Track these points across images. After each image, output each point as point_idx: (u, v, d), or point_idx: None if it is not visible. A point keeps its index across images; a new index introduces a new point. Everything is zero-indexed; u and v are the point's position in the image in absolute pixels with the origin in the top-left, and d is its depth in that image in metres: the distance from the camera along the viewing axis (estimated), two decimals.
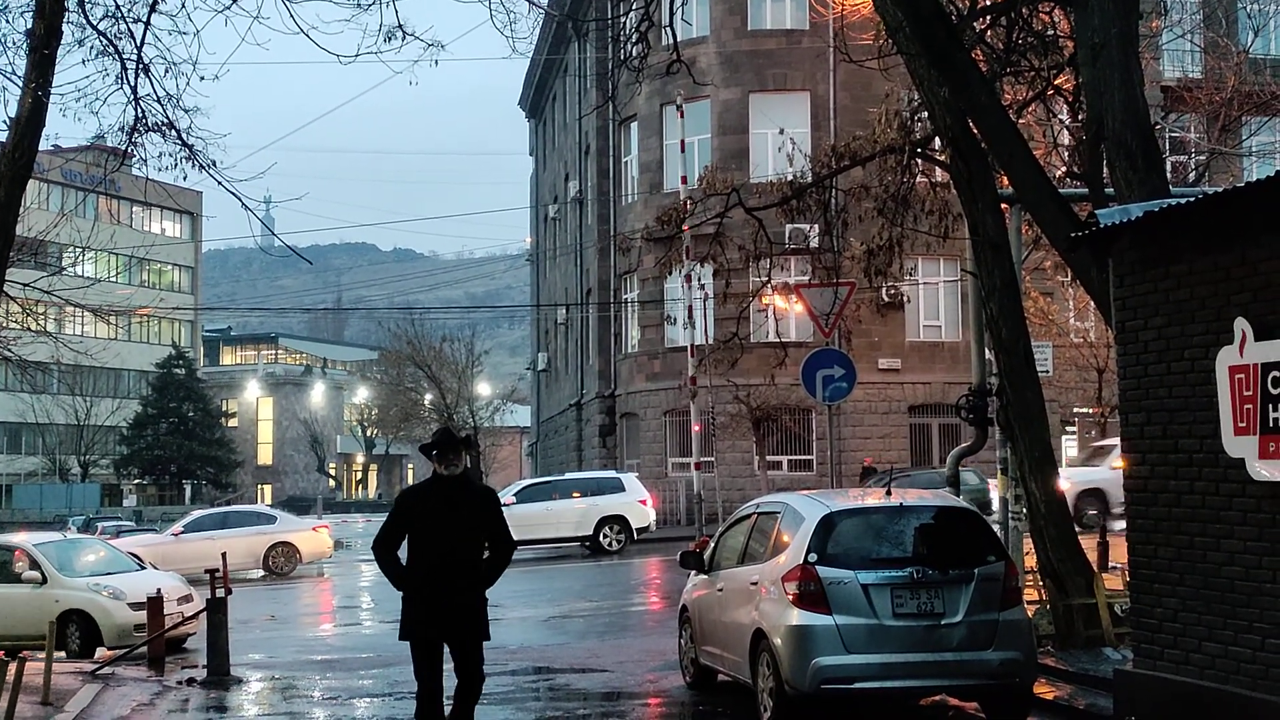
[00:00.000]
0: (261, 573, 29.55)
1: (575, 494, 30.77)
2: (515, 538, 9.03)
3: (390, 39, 13.12)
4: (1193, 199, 8.26)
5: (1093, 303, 14.15)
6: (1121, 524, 12.38)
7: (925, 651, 9.38)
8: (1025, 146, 12.56)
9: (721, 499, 31.98)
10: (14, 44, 13.71)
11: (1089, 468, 27.28)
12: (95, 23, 13.23)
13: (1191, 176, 26.67)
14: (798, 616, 9.46)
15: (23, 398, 64.74)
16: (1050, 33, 15.86)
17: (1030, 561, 13.78)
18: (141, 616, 16.21)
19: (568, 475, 35.66)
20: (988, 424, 15.11)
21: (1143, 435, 8.93)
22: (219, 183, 13.15)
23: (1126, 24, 11.21)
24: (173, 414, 73.25)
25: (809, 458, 36.53)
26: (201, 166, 13.49)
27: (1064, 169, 18.08)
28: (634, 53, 16.17)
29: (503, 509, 9.05)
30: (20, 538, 19.41)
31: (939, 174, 18.04)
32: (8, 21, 18.30)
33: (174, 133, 13.43)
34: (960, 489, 15.71)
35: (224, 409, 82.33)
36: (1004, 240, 13.27)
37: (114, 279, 59.48)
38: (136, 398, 75.94)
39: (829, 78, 36.60)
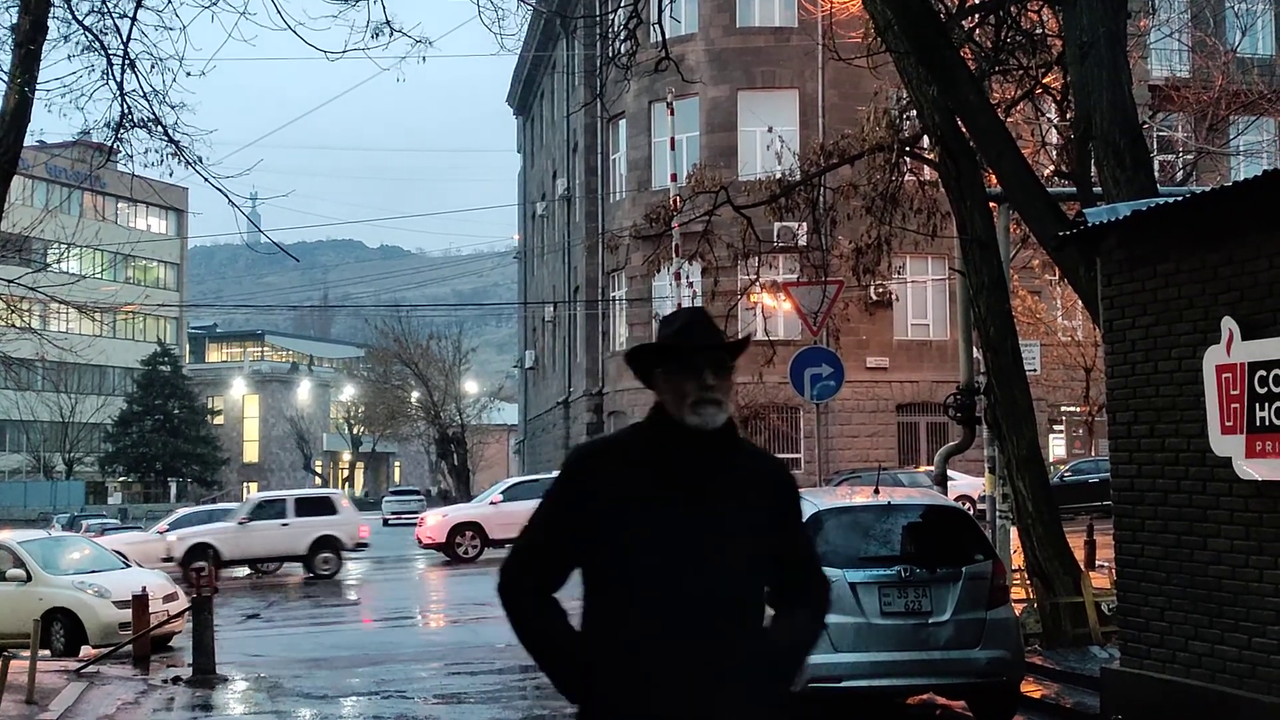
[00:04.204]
0: (247, 571, 29.46)
1: None
2: (502, 537, 8.01)
3: (377, 35, 13.10)
4: (1180, 198, 8.27)
5: (1080, 301, 14.18)
6: None
7: (913, 650, 9.39)
8: (1013, 145, 12.56)
9: None
10: None
11: None
12: (81, 18, 13.18)
13: (1179, 176, 26.74)
14: None
15: (7, 394, 64.53)
16: (1039, 32, 15.88)
17: (1018, 560, 13.80)
18: (127, 615, 16.15)
19: (555, 473, 35.55)
20: (975, 423, 15.13)
21: (1130, 434, 8.93)
22: (205, 179, 13.12)
23: (1115, 23, 11.21)
24: (158, 411, 73.01)
25: (797, 456, 36.54)
26: (188, 163, 13.44)
27: (1052, 168, 18.11)
28: (622, 50, 16.14)
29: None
30: (4, 536, 19.32)
31: (927, 172, 18.04)
32: None
33: (160, 129, 13.38)
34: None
35: (210, 406, 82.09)
36: (992, 239, 13.28)
37: (99, 275, 59.34)
38: (122, 395, 75.69)
39: (818, 76, 36.61)
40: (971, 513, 13.18)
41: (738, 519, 3.26)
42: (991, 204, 13.77)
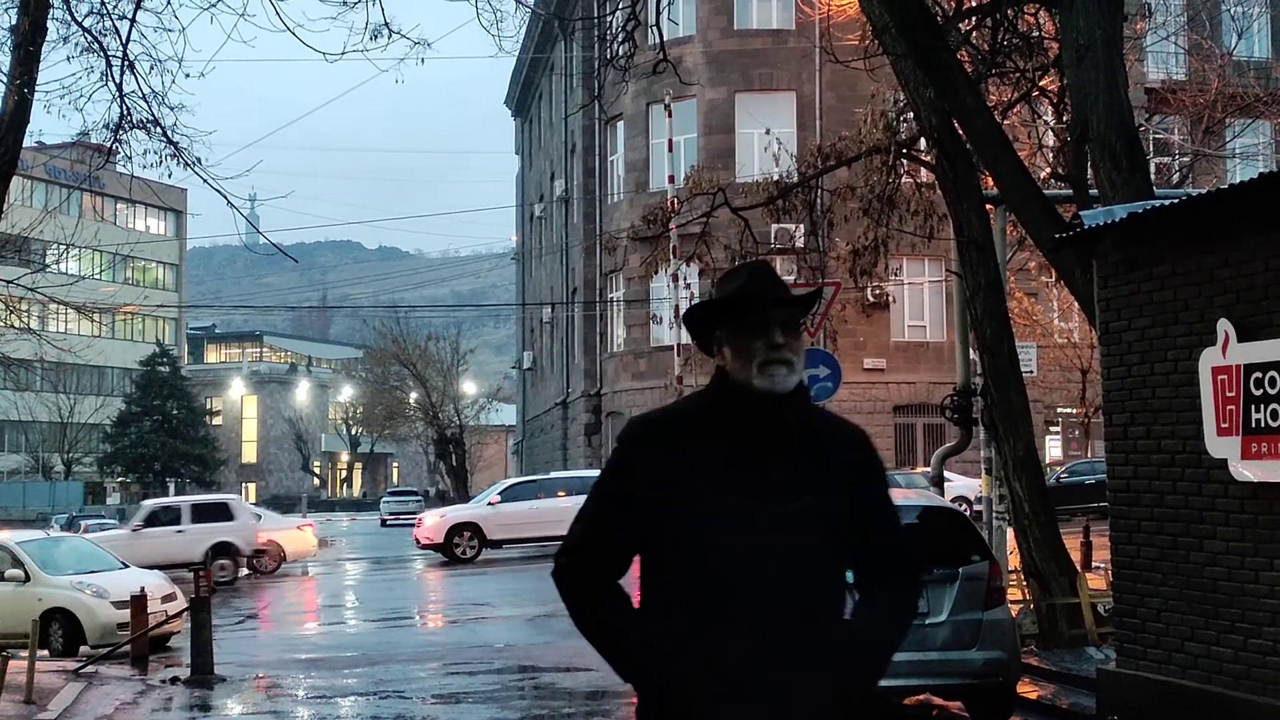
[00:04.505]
0: (246, 571, 29.47)
1: (561, 493, 30.72)
2: (499, 537, 7.80)
3: (376, 37, 13.12)
4: (1176, 201, 8.30)
5: (1077, 303, 14.22)
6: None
7: (909, 650, 9.37)
8: (1010, 147, 12.59)
9: None
10: None
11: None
12: (80, 19, 13.20)
13: (1175, 178, 26.77)
14: None
15: (6, 395, 64.49)
16: (1035, 34, 15.91)
17: (1014, 561, 13.83)
18: (125, 615, 16.16)
19: (553, 474, 35.63)
20: (972, 424, 15.16)
21: (1126, 436, 8.96)
22: (204, 180, 13.13)
23: (1111, 26, 11.25)
24: (157, 412, 72.96)
25: None
26: (186, 164, 13.46)
27: (1048, 170, 18.14)
28: (620, 52, 16.17)
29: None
30: (3, 536, 19.33)
31: (924, 174, 18.08)
32: None
33: (159, 130, 13.39)
34: None
35: (208, 407, 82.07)
36: (989, 241, 13.31)
37: (98, 276, 59.32)
38: (120, 395, 75.65)
39: (815, 78, 36.65)
40: (968, 514, 13.22)
41: (814, 494, 2.93)
42: (988, 206, 13.80)
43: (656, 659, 2.94)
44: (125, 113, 13.26)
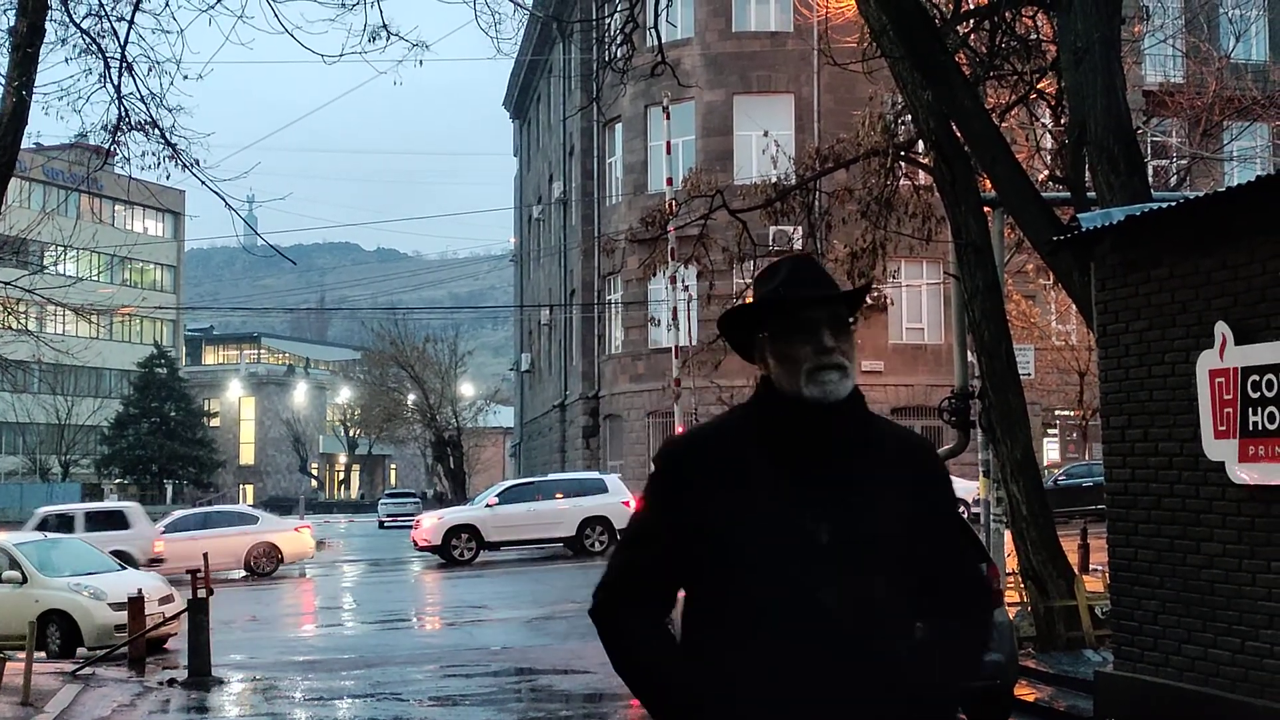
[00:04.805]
0: (243, 573, 29.45)
1: (558, 495, 30.75)
2: (497, 540, 7.76)
3: (374, 39, 13.12)
4: (1174, 203, 8.31)
5: (1074, 306, 14.22)
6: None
7: None
8: (1008, 150, 12.60)
9: None
10: None
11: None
12: (78, 21, 13.21)
13: (1173, 181, 26.79)
14: None
15: (3, 396, 64.40)
16: (1033, 37, 15.92)
17: (1012, 563, 13.83)
18: (122, 617, 16.16)
19: (551, 476, 35.64)
20: (970, 426, 15.16)
21: (1123, 438, 8.97)
22: (202, 182, 13.13)
23: (1109, 28, 11.25)
24: (154, 414, 72.96)
25: None
26: (185, 166, 13.46)
27: (1046, 173, 18.15)
28: (619, 54, 16.18)
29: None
30: (0, 537, 19.32)
31: (922, 177, 18.09)
32: None
33: (157, 131, 13.40)
34: None
35: (206, 409, 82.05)
36: (986, 243, 13.32)
37: (96, 278, 59.29)
38: (118, 397, 75.62)
39: (813, 80, 36.67)
40: (966, 516, 13.22)
41: (876, 512, 2.64)
42: (986, 209, 13.80)
43: (705, 707, 2.62)
44: (123, 114, 13.27)
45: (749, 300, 2.83)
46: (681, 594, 2.75)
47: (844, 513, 2.62)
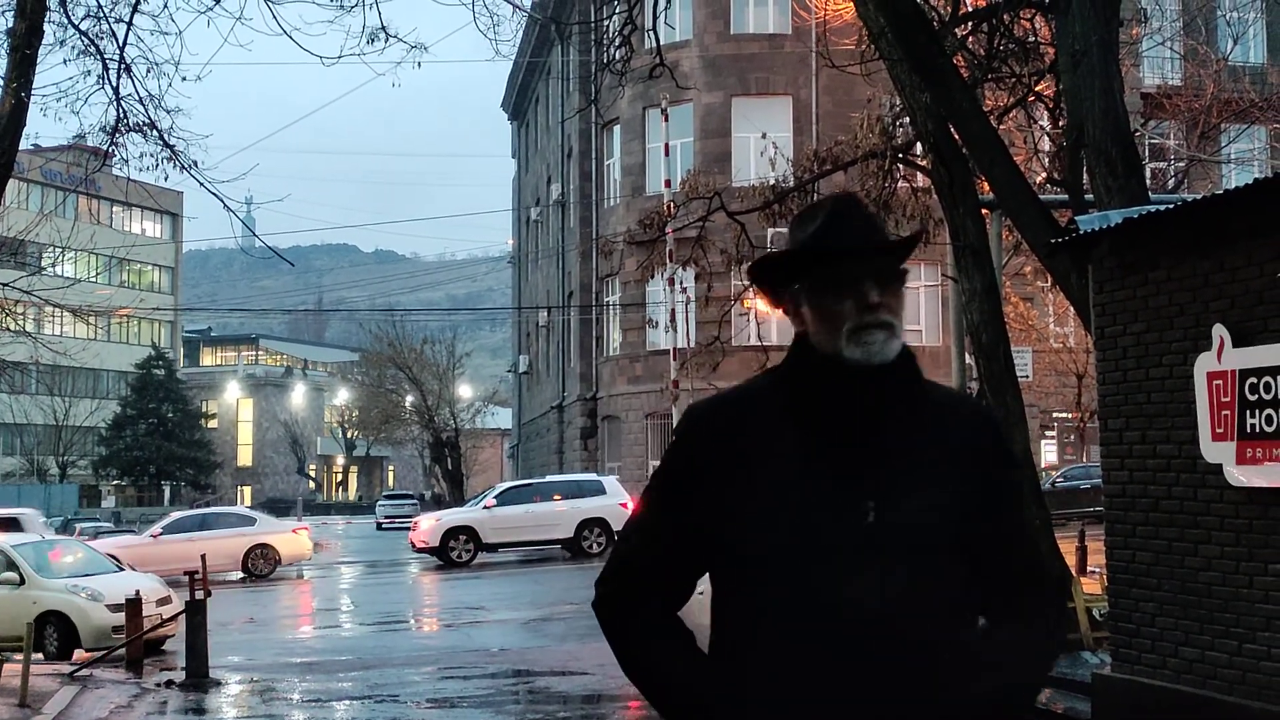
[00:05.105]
0: (240, 575, 29.44)
1: (556, 496, 30.76)
2: (495, 541, 7.60)
3: (373, 41, 13.12)
4: (1172, 206, 8.32)
5: (1072, 308, 14.24)
6: None
7: None
8: (1006, 152, 12.60)
9: None
10: None
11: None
12: (77, 22, 13.21)
13: (1171, 183, 26.82)
14: None
15: (1, 398, 64.40)
16: (1031, 39, 15.94)
17: None
18: (120, 618, 16.15)
19: (549, 478, 35.65)
20: None
21: (1121, 440, 8.97)
22: (200, 183, 13.13)
23: (1107, 31, 11.26)
24: (152, 415, 72.98)
25: None
26: (183, 167, 13.46)
27: (1044, 175, 18.16)
28: (617, 56, 16.19)
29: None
30: None
31: (920, 179, 18.10)
32: None
33: (155, 133, 13.40)
34: None
35: (204, 410, 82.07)
36: (984, 245, 13.32)
37: (94, 279, 59.24)
38: (115, 398, 75.63)
39: (811, 82, 36.69)
40: None
41: (930, 494, 2.29)
42: (984, 211, 13.81)
43: (728, 714, 2.29)
44: (121, 116, 13.27)
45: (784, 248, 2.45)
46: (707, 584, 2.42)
47: (890, 492, 2.27)
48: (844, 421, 2.30)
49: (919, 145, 15.90)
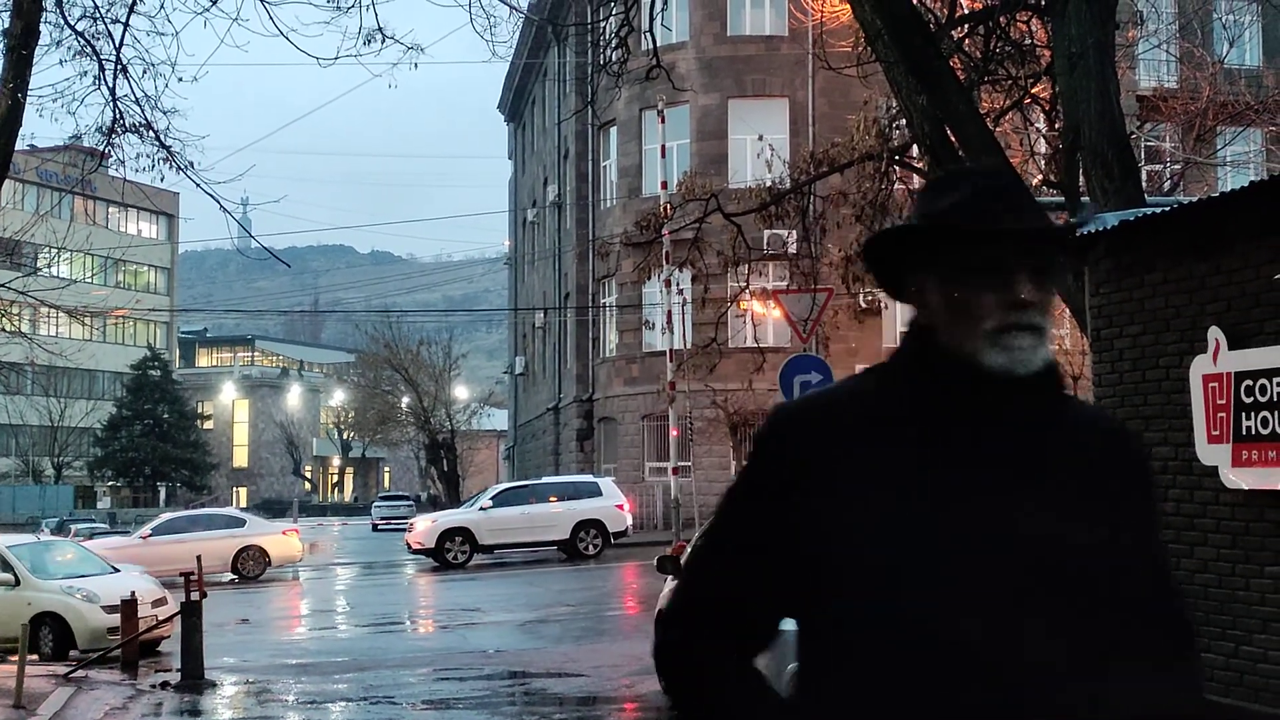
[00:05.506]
0: (230, 576, 29.38)
1: (552, 498, 30.76)
2: (491, 543, 7.59)
3: (370, 42, 13.11)
4: (1168, 208, 8.33)
5: (1068, 311, 14.24)
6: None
7: None
8: (1002, 154, 12.62)
9: (698, 504, 32.01)
10: None
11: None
12: (73, 23, 13.19)
13: (1167, 186, 26.84)
14: None
15: None
16: (1028, 42, 15.96)
17: None
18: (115, 619, 16.13)
19: (545, 479, 35.64)
20: None
21: None
22: (197, 184, 13.15)
23: (1103, 34, 11.27)
24: (147, 416, 72.91)
25: None
26: (179, 168, 13.45)
27: (1040, 177, 18.17)
28: (614, 58, 16.19)
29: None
30: None
31: (917, 181, 18.11)
32: None
33: (152, 134, 13.38)
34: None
35: (199, 411, 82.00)
36: None
37: (90, 280, 59.19)
38: (111, 399, 75.57)
39: (808, 84, 36.71)
40: None
41: (1067, 522, 1.92)
42: None
43: None
44: (118, 116, 13.26)
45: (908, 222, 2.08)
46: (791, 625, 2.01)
47: (1024, 521, 1.90)
48: (976, 437, 1.92)
49: (915, 147, 15.90)
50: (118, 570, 18.83)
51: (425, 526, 30.95)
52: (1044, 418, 1.97)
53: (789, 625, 2.00)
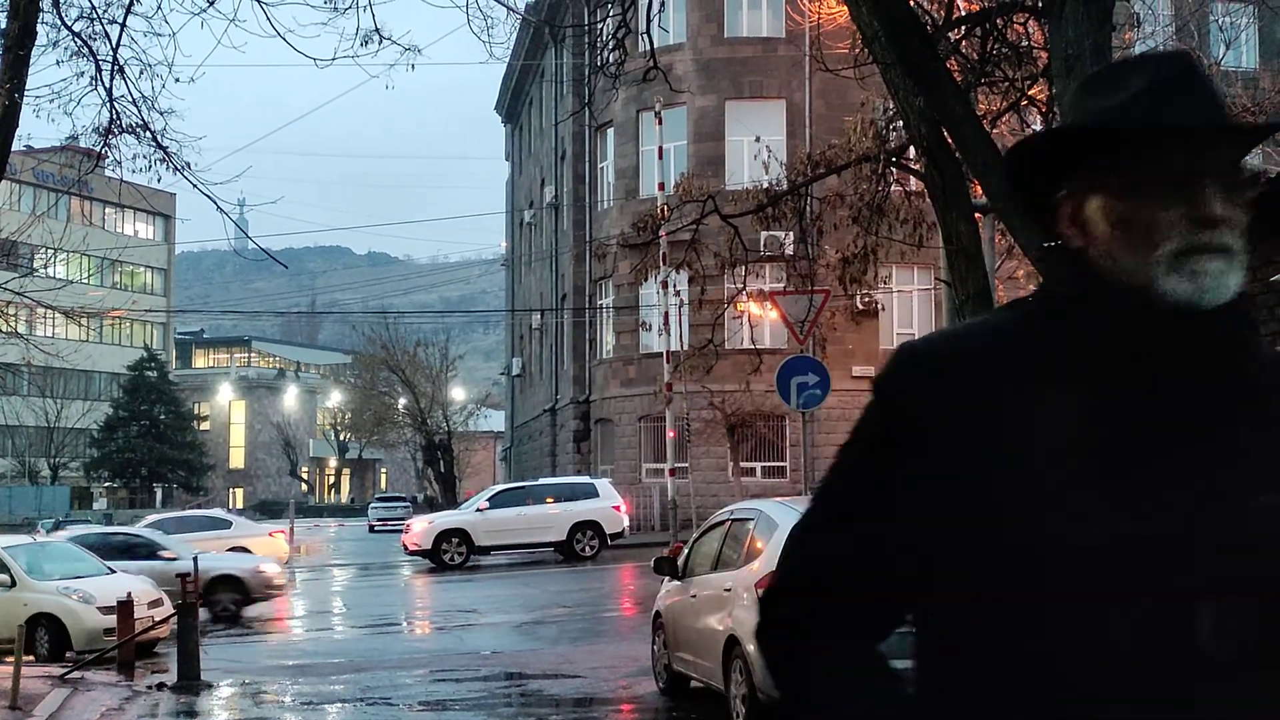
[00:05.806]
0: None
1: (549, 499, 30.76)
2: (487, 544, 7.65)
3: (367, 43, 13.10)
4: None
5: None
6: None
7: (899, 658, 9.41)
8: (999, 156, 12.62)
9: (695, 505, 32.03)
10: None
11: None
12: (70, 23, 13.19)
13: None
14: None
15: None
16: (1025, 44, 15.98)
17: None
18: (111, 620, 16.12)
19: (542, 481, 35.65)
20: None
21: None
22: (193, 185, 13.13)
23: (1100, 36, 11.27)
24: (144, 417, 72.89)
25: (783, 464, 36.62)
26: (176, 169, 13.44)
27: None
28: (611, 59, 16.19)
29: None
30: None
31: (913, 183, 18.14)
32: None
33: (148, 134, 13.38)
34: None
35: (196, 412, 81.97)
36: (978, 249, 13.34)
37: (86, 280, 59.19)
38: (107, 400, 75.54)
39: (805, 86, 36.73)
40: None
41: (1264, 492, 1.55)
42: (977, 215, 13.84)
43: None
44: (115, 117, 13.26)
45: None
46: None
47: (1214, 488, 1.54)
48: (1152, 385, 1.56)
49: (912, 149, 15.91)
50: (114, 571, 18.82)
51: (422, 528, 30.95)
52: (1234, 361, 1.59)
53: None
